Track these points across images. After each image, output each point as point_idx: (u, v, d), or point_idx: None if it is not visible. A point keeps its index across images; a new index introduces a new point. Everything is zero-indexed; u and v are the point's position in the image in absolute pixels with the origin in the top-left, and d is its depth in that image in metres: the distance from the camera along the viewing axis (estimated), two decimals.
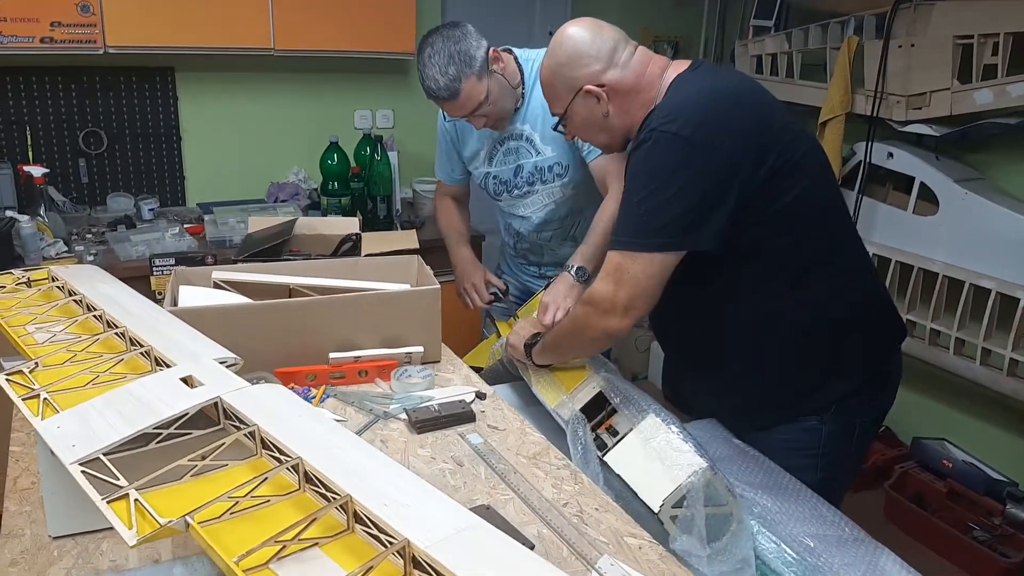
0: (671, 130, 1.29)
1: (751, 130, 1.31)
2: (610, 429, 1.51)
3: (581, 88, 1.44)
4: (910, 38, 2.51)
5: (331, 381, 1.56)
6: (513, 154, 2.04)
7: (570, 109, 1.48)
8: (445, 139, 2.15)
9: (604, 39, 1.43)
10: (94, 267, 1.62)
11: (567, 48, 1.44)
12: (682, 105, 1.33)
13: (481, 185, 2.14)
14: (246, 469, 0.96)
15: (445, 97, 1.82)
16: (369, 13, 2.95)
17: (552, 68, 1.47)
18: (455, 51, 1.78)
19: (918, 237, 2.66)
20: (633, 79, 1.43)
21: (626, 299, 1.37)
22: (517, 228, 2.16)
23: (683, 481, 1.28)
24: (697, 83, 1.38)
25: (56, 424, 1.02)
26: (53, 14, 2.49)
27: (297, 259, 1.83)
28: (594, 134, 1.54)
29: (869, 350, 1.51)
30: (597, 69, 1.42)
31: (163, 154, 3.04)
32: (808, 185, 1.36)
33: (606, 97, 1.43)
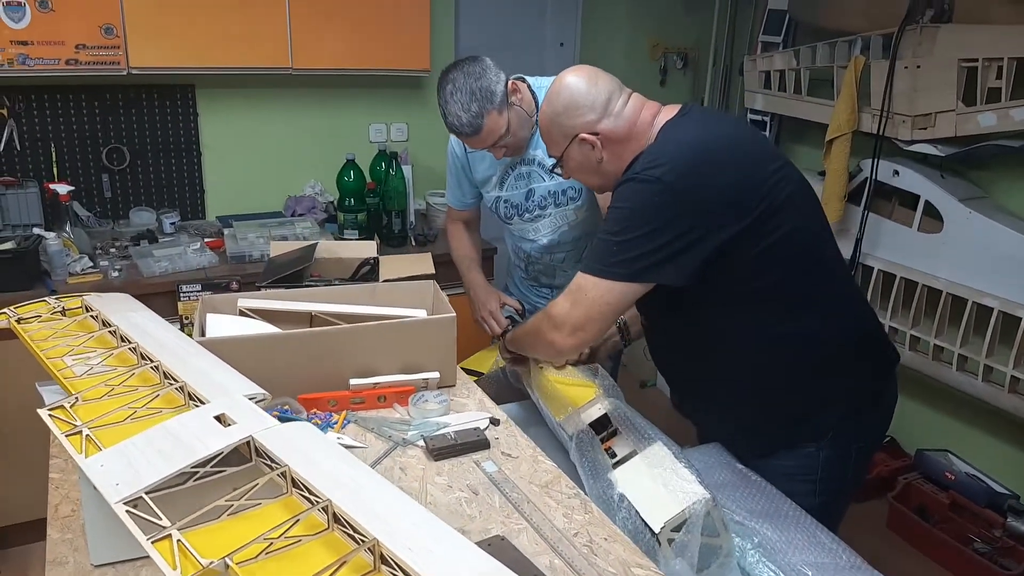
0: (654, 175, 1.36)
1: (733, 183, 1.37)
2: (609, 451, 1.56)
3: (576, 136, 1.51)
4: (916, 59, 2.55)
5: (352, 406, 1.63)
6: (525, 179, 2.10)
7: (566, 154, 1.56)
8: (456, 165, 2.20)
9: (600, 89, 1.50)
10: (125, 295, 1.70)
11: (564, 97, 1.51)
12: (667, 152, 1.40)
13: (492, 209, 2.20)
14: (278, 508, 1.03)
15: (468, 133, 1.88)
16: (385, 31, 3.01)
17: (549, 115, 1.54)
18: (476, 87, 1.84)
19: (923, 254, 2.70)
20: (626, 128, 1.49)
21: (577, 319, 1.45)
22: (528, 250, 2.22)
23: (686, 506, 1.34)
24: (686, 131, 1.45)
25: (100, 463, 1.09)
26: (78, 37, 2.56)
27: (318, 284, 1.89)
28: (588, 177, 1.61)
29: (861, 379, 1.57)
30: (592, 119, 1.49)
31: (183, 168, 3.12)
32: (792, 226, 1.41)
33: (600, 145, 1.50)
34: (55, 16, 2.52)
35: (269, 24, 2.82)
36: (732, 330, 1.50)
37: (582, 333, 1.47)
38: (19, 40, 2.50)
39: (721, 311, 1.48)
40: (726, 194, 1.36)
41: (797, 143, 3.43)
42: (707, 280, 1.40)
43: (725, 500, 1.48)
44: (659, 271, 1.39)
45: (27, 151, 2.84)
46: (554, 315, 1.49)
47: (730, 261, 1.39)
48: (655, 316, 1.66)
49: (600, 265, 1.42)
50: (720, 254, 1.38)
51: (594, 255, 1.45)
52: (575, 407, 1.64)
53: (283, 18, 2.82)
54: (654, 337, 1.72)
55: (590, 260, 1.45)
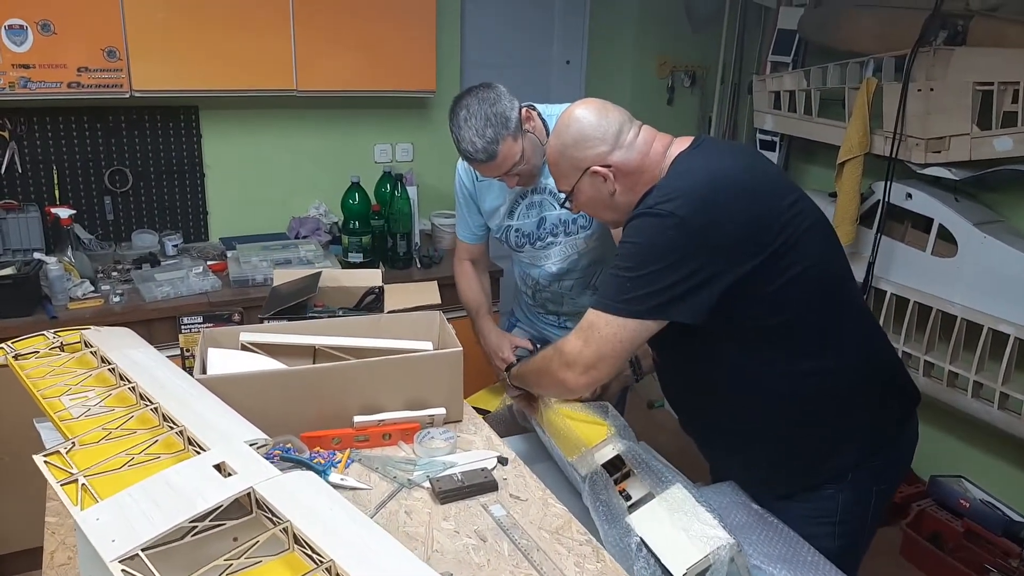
0: (667, 209, 1.32)
1: (749, 218, 1.33)
2: (623, 493, 1.53)
3: (588, 169, 1.47)
4: (929, 82, 2.52)
5: (356, 444, 1.59)
6: (536, 207, 2.07)
7: (577, 187, 1.52)
8: (464, 196, 2.16)
9: (610, 121, 1.46)
10: (126, 330, 1.66)
11: (573, 130, 1.47)
12: (681, 186, 1.35)
13: (502, 238, 2.16)
14: (279, 565, 0.99)
15: (483, 160, 1.84)
16: (390, 52, 2.99)
17: (559, 149, 1.50)
18: (491, 113, 1.80)
19: (937, 278, 2.66)
20: (638, 159, 1.46)
21: (590, 358, 1.40)
22: (536, 278, 2.18)
23: (710, 552, 1.30)
24: (698, 163, 1.41)
25: (95, 516, 1.05)
26: (80, 60, 2.54)
27: (322, 315, 1.86)
28: (600, 211, 1.57)
29: (880, 418, 1.52)
30: (603, 151, 1.46)
31: (187, 190, 3.09)
32: (809, 262, 1.37)
33: (612, 177, 1.46)
34: (57, 39, 2.49)
35: (273, 46, 2.79)
36: (748, 368, 1.45)
37: (595, 372, 1.41)
38: (21, 63, 2.47)
39: (737, 349, 1.43)
40: (742, 229, 1.32)
41: (807, 164, 3.40)
42: (723, 317, 1.36)
43: (742, 542, 1.43)
44: (673, 308, 1.34)
45: (28, 174, 2.81)
46: (566, 352, 1.44)
47: (746, 298, 1.35)
48: (668, 353, 1.61)
49: (613, 302, 1.37)
50: (736, 290, 1.33)
51: (606, 291, 1.40)
52: (587, 447, 1.60)
53: (287, 40, 2.80)
54: (667, 375, 1.67)
55: (602, 296, 1.40)
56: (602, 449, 1.60)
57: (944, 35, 2.52)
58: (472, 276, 2.27)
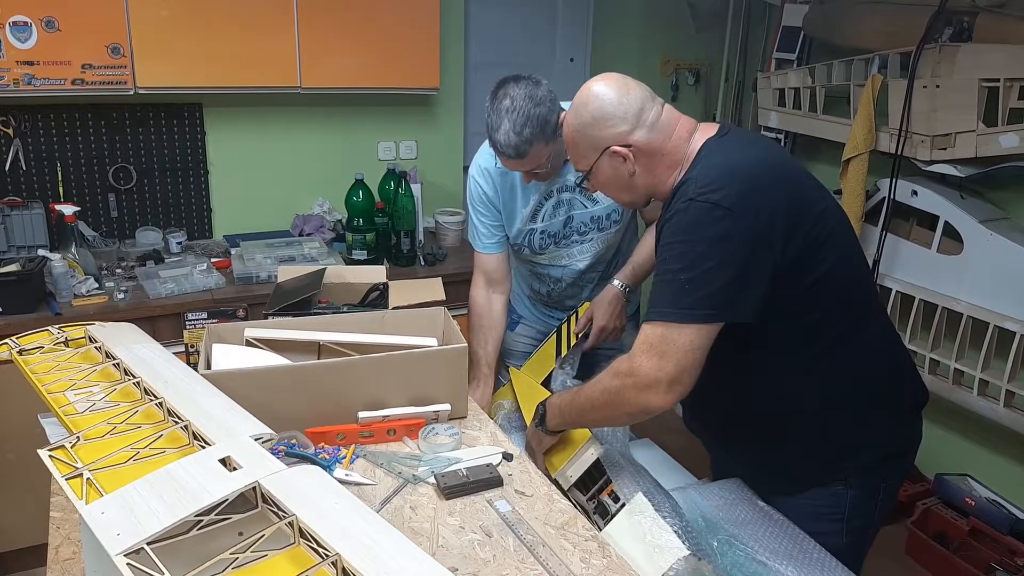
0: (712, 200, 1.27)
1: (787, 205, 1.30)
2: (612, 495, 1.52)
3: (607, 148, 1.42)
4: (935, 79, 2.51)
5: (360, 440, 1.59)
6: (565, 206, 2.01)
7: (595, 167, 1.46)
8: (484, 203, 2.05)
9: (631, 99, 1.41)
10: (130, 325, 1.66)
11: (592, 108, 1.42)
12: (721, 175, 1.31)
13: (523, 243, 2.08)
14: (285, 560, 0.99)
15: (511, 156, 1.79)
16: (394, 50, 2.98)
17: (576, 127, 1.45)
18: (534, 113, 1.73)
19: (942, 276, 2.65)
20: (659, 141, 1.41)
21: (673, 373, 1.30)
22: (559, 276, 2.13)
23: (669, 566, 1.27)
24: (732, 152, 1.37)
25: (100, 510, 1.05)
26: (84, 56, 2.54)
27: (327, 311, 1.85)
28: (617, 192, 1.53)
29: (894, 418, 1.51)
30: (624, 130, 1.40)
31: (191, 187, 3.09)
32: (836, 258, 1.36)
33: (632, 158, 1.41)
34: (61, 36, 2.49)
35: (278, 43, 2.79)
36: (772, 367, 1.43)
37: (679, 387, 1.31)
38: (25, 60, 2.47)
39: (763, 347, 1.40)
40: (783, 218, 1.29)
41: (812, 161, 3.38)
42: None
43: (747, 539, 1.43)
44: (737, 306, 1.29)
45: (32, 171, 2.81)
46: (641, 374, 1.33)
47: (782, 293, 1.32)
48: None
49: (679, 309, 1.29)
50: (777, 283, 1.30)
51: (665, 299, 1.32)
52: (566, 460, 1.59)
53: (292, 37, 2.79)
54: None
55: (663, 305, 1.32)
56: (577, 460, 1.58)
57: (950, 32, 2.51)
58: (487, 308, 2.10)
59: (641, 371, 1.33)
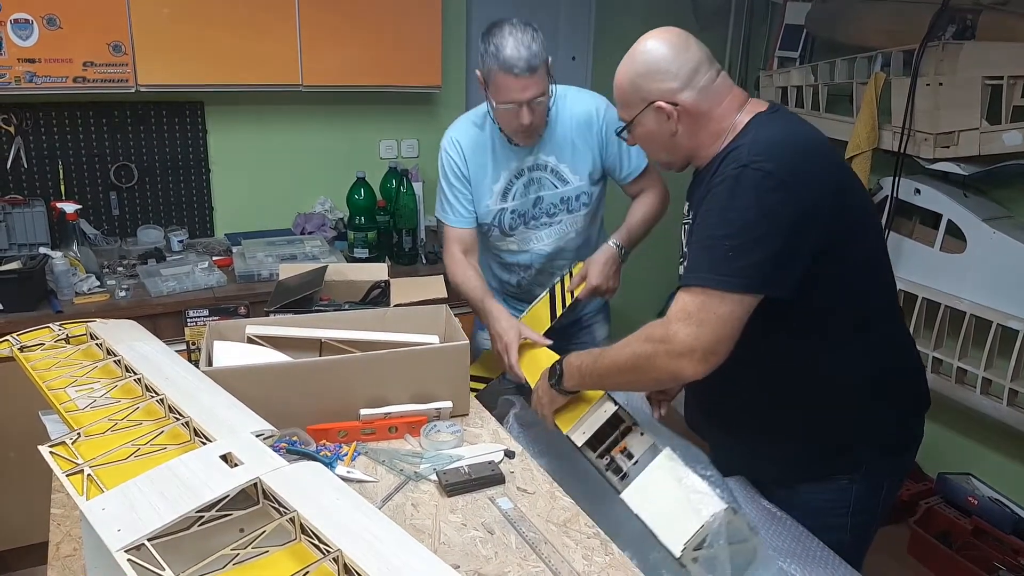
0: (765, 168, 1.25)
1: (836, 186, 1.31)
2: (625, 451, 1.49)
3: (653, 102, 1.40)
4: (938, 77, 2.50)
5: (362, 437, 1.59)
6: (535, 185, 2.03)
7: (637, 119, 1.44)
8: (456, 174, 2.04)
9: (687, 58, 1.38)
10: (131, 322, 1.65)
11: (647, 58, 1.40)
12: (773, 145, 1.29)
13: (493, 223, 2.08)
14: (286, 556, 0.98)
15: (522, 70, 1.78)
16: (396, 49, 2.98)
17: (628, 75, 1.43)
18: (535, 36, 1.80)
19: (945, 274, 2.65)
20: (708, 106, 1.39)
21: (710, 342, 1.26)
22: (527, 263, 2.14)
23: (705, 522, 1.26)
24: (786, 127, 1.36)
25: (101, 506, 1.04)
26: (86, 54, 2.54)
27: (328, 309, 1.85)
28: (655, 150, 1.49)
29: (903, 416, 1.52)
30: (673, 87, 1.38)
31: (192, 186, 3.08)
32: (869, 246, 1.38)
33: (676, 117, 1.39)
34: (63, 33, 2.49)
35: (279, 41, 2.79)
36: (792, 354, 1.42)
37: (715, 358, 1.27)
38: (27, 58, 2.47)
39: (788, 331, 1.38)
40: (830, 198, 1.29)
41: None
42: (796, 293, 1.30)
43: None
44: (780, 279, 1.27)
45: (34, 169, 2.81)
46: (677, 343, 1.28)
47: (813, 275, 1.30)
48: None
49: (720, 276, 1.26)
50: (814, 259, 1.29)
51: (705, 265, 1.28)
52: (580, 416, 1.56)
53: (293, 35, 2.79)
54: None
55: (704, 272, 1.28)
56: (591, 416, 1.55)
57: (953, 29, 2.51)
58: (466, 264, 2.07)
59: (677, 338, 1.28)
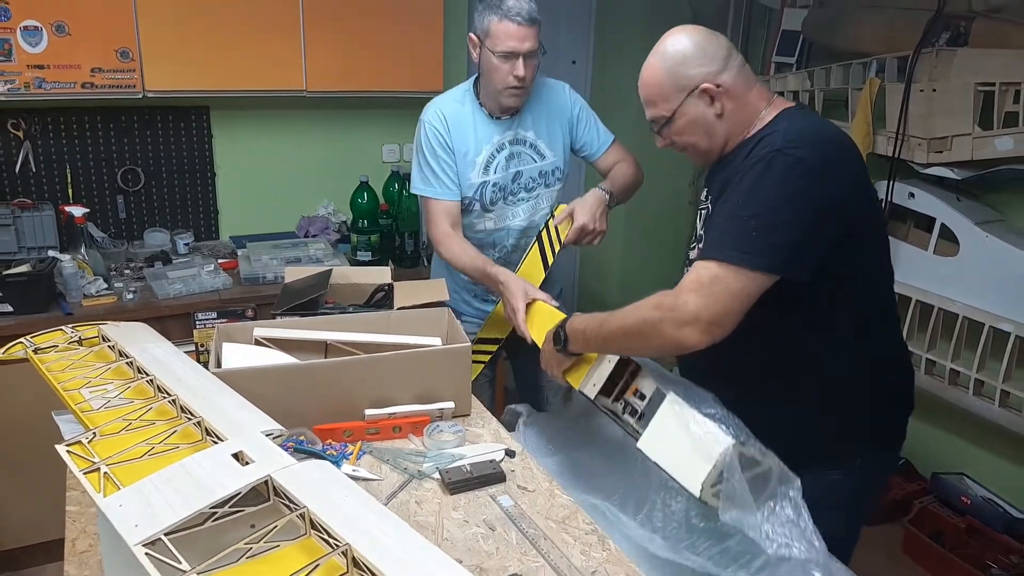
0: (798, 155, 1.30)
1: (858, 181, 1.38)
2: (637, 392, 1.50)
3: (697, 87, 1.42)
4: (932, 83, 2.54)
5: (367, 437, 1.63)
6: (515, 159, 2.13)
7: (679, 110, 1.45)
8: (441, 145, 2.08)
9: (719, 43, 1.44)
10: (142, 325, 1.70)
11: (681, 47, 1.44)
12: (806, 135, 1.34)
13: (475, 196, 2.13)
14: (296, 550, 1.03)
15: (524, 19, 1.91)
16: (398, 53, 3.03)
17: (662, 69, 1.45)
18: None
19: (938, 277, 2.69)
20: (744, 87, 1.44)
21: (716, 314, 1.29)
22: (502, 242, 2.20)
23: (716, 460, 1.28)
24: (816, 121, 1.42)
25: (118, 502, 1.09)
26: (94, 60, 2.59)
27: (333, 311, 1.89)
28: (698, 137, 1.48)
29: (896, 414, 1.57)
30: (713, 70, 1.42)
31: (197, 189, 3.13)
32: (879, 246, 1.44)
33: (720, 98, 1.43)
34: (72, 40, 2.54)
35: (284, 47, 2.84)
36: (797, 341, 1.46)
37: (718, 329, 1.30)
38: (36, 64, 2.52)
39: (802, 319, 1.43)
40: (856, 191, 1.36)
41: None
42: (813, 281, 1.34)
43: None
44: (798, 262, 1.30)
45: (42, 173, 2.86)
46: (684, 311, 1.31)
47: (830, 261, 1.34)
48: None
49: (739, 252, 1.29)
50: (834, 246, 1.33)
51: (727, 241, 1.31)
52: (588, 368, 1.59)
53: (298, 41, 2.84)
54: None
55: (724, 247, 1.31)
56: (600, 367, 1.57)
57: (946, 36, 2.55)
58: (459, 236, 2.10)
59: (686, 307, 1.31)
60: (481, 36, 1.99)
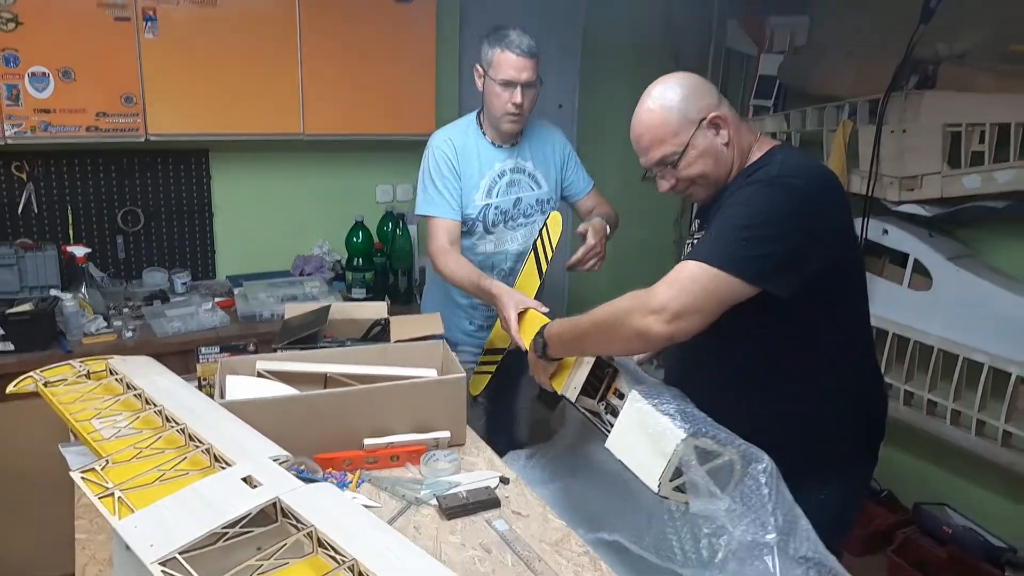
0: (794, 184, 1.39)
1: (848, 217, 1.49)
2: (616, 392, 1.57)
3: (706, 118, 1.49)
4: (902, 124, 2.67)
5: (366, 466, 1.69)
6: (515, 186, 2.32)
7: (690, 143, 1.50)
8: (448, 167, 2.22)
9: (710, 83, 1.56)
10: (148, 359, 1.76)
11: (682, 86, 1.53)
12: (802, 168, 1.44)
13: (478, 217, 2.28)
14: (304, 567, 1.08)
15: (524, 51, 2.13)
16: (393, 99, 3.14)
17: (667, 107, 1.51)
18: None
19: (914, 310, 2.78)
20: (737, 120, 1.54)
21: (681, 307, 1.35)
22: (500, 265, 2.33)
23: (670, 456, 1.33)
24: (807, 157, 1.54)
25: (133, 524, 1.14)
26: (99, 105, 2.68)
27: (332, 345, 1.96)
28: (708, 166, 1.52)
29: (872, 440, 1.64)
30: (714, 102, 1.51)
31: (196, 229, 3.20)
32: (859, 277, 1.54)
33: (726, 126, 1.50)
34: (77, 86, 2.63)
35: (282, 92, 2.94)
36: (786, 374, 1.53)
37: (681, 323, 1.35)
38: (42, 108, 2.60)
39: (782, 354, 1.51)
40: (843, 224, 1.47)
41: None
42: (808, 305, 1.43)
43: None
44: (777, 277, 1.36)
45: (44, 214, 2.92)
46: (653, 301, 1.36)
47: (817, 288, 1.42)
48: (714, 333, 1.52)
49: (721, 257, 1.35)
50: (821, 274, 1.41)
51: (715, 247, 1.38)
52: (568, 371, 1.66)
53: (296, 86, 2.94)
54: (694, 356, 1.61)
55: (707, 252, 1.37)
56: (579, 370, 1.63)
57: (915, 80, 2.68)
58: (457, 252, 2.21)
59: (655, 297, 1.37)
60: (485, 66, 2.19)
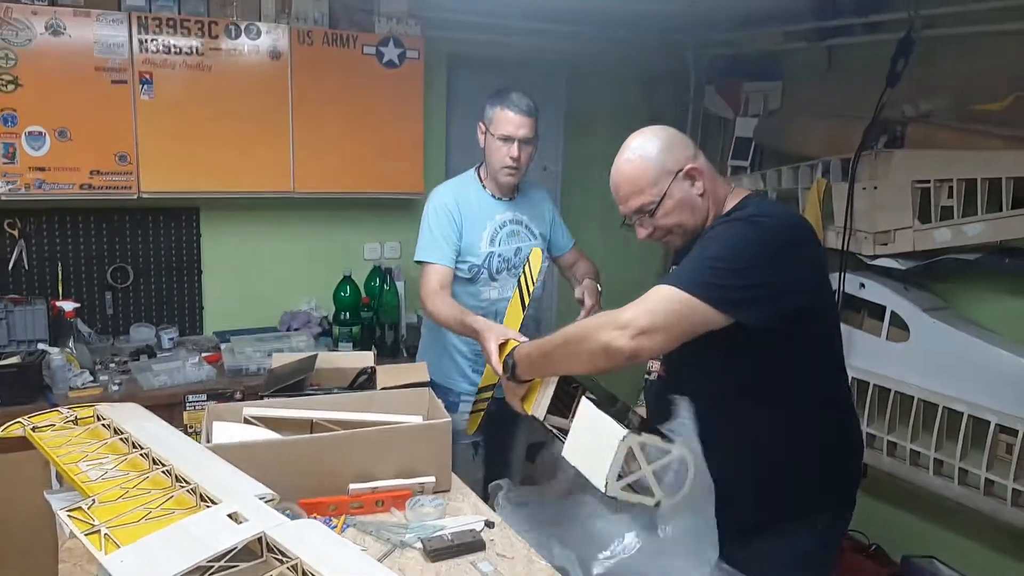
0: (767, 224, 1.47)
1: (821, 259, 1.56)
2: None
3: (682, 169, 1.56)
4: (873, 181, 2.77)
5: (351, 511, 1.69)
6: (515, 236, 2.47)
7: (667, 194, 1.56)
8: (449, 218, 2.36)
9: (684, 136, 1.63)
10: (135, 405, 1.78)
11: (660, 138, 1.60)
12: (776, 213, 1.53)
13: (483, 265, 2.41)
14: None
15: (524, 111, 2.29)
16: (382, 158, 3.21)
17: (646, 158, 1.58)
18: None
19: (893, 362, 2.83)
20: (712, 172, 1.61)
21: (647, 324, 1.40)
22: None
23: (613, 455, 1.35)
24: (780, 204, 1.65)
25: (120, 559, 1.16)
26: (93, 163, 2.74)
27: (318, 393, 1.98)
28: (685, 216, 1.59)
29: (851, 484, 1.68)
30: (690, 153, 1.59)
31: (184, 286, 3.23)
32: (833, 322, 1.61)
33: (701, 177, 1.57)
34: (72, 145, 2.70)
35: (274, 152, 3.01)
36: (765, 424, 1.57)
37: (645, 339, 1.40)
38: (37, 166, 2.66)
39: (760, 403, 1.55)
40: (817, 270, 1.54)
41: None
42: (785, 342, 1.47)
43: None
44: (746, 308, 1.41)
45: (34, 270, 2.95)
46: (621, 318, 1.43)
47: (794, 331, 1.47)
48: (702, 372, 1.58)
49: (692, 283, 1.41)
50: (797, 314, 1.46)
51: (685, 274, 1.45)
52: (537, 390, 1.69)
53: (287, 146, 3.02)
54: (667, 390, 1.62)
55: (680, 278, 1.44)
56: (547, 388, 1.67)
57: (884, 139, 2.79)
58: (445, 294, 2.29)
59: (623, 314, 1.43)
60: (487, 123, 2.36)
